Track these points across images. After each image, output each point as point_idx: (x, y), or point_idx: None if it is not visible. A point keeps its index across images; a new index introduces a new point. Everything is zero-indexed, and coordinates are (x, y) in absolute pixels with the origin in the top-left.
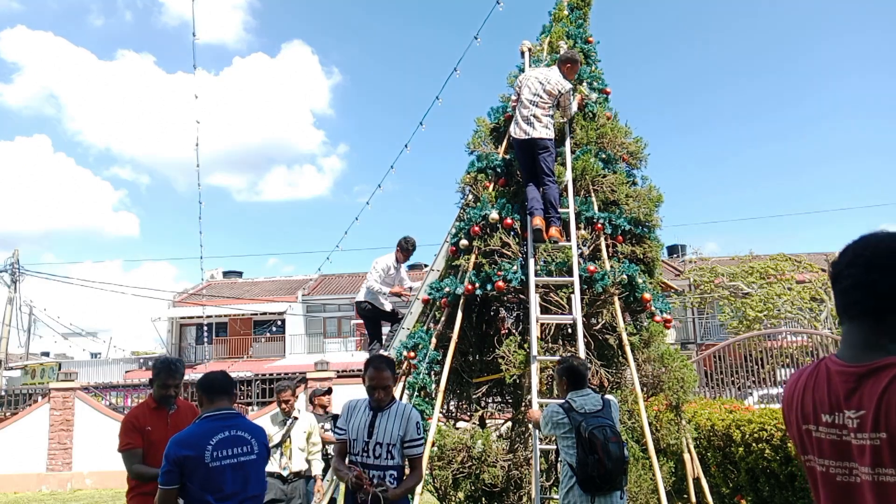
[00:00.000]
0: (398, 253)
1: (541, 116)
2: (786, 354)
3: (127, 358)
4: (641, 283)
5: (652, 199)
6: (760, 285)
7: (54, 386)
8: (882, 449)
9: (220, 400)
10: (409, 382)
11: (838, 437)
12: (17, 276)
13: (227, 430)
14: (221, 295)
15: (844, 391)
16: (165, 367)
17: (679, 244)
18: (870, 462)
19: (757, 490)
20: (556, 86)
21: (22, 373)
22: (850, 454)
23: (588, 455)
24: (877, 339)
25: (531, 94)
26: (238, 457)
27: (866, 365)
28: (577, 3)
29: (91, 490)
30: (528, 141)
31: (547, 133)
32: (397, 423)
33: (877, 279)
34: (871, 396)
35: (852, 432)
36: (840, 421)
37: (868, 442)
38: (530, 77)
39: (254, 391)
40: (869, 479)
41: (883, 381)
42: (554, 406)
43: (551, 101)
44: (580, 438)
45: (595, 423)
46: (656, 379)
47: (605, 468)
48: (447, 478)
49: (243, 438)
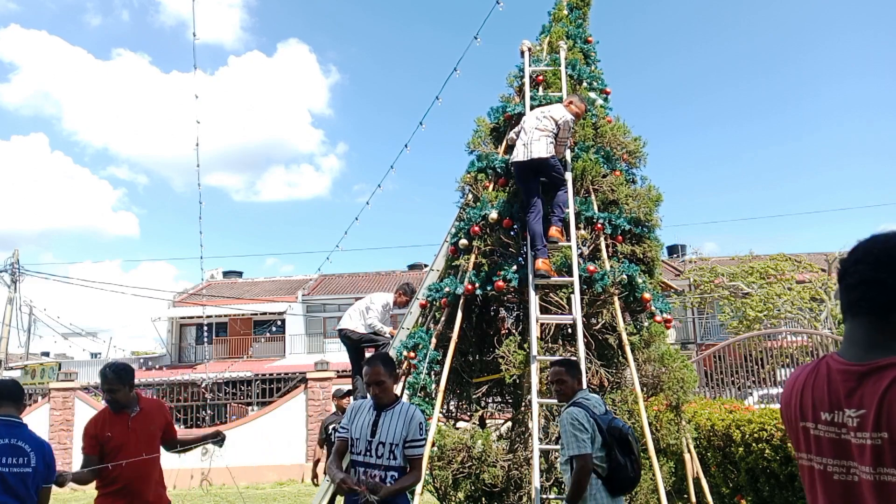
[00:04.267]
0: (399, 297)
1: (543, 141)
2: (786, 354)
3: (127, 358)
4: (641, 283)
5: (652, 198)
6: (760, 285)
7: (54, 386)
8: (883, 449)
9: (6, 406)
10: (409, 382)
11: (837, 435)
12: (17, 276)
13: (5, 439)
14: (221, 295)
15: (845, 390)
16: (101, 373)
17: (679, 244)
18: (870, 462)
19: (757, 490)
20: (558, 114)
21: (22, 373)
22: (850, 453)
23: (625, 457)
24: (881, 337)
25: (534, 121)
26: (11, 467)
27: (868, 364)
28: (576, 3)
29: (91, 490)
30: (529, 162)
31: (550, 152)
32: (401, 423)
33: (885, 277)
34: (873, 396)
35: (852, 431)
36: (840, 419)
37: (869, 441)
38: (533, 112)
39: (254, 391)
40: (870, 478)
41: (885, 381)
42: (575, 411)
43: (554, 128)
44: (617, 441)
45: (619, 422)
46: (656, 379)
47: (640, 466)
48: (447, 478)
49: (22, 449)
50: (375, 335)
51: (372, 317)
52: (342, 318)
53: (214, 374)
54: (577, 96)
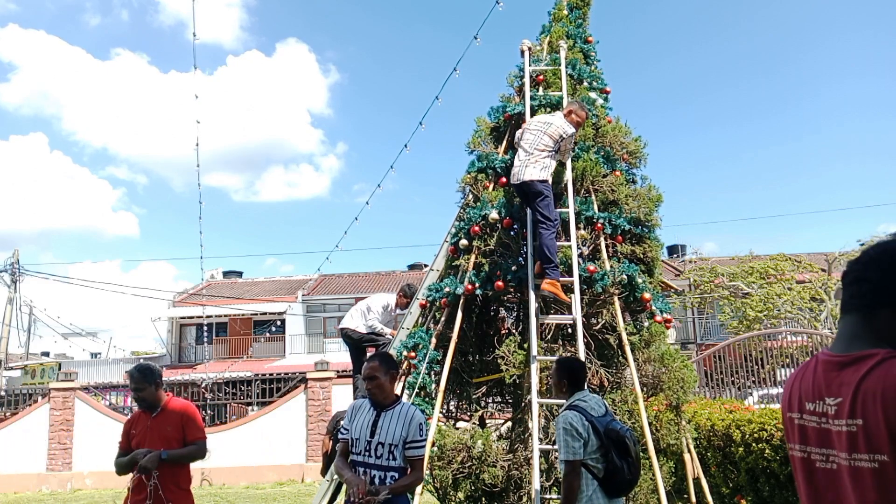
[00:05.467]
0: (401, 298)
1: (537, 159)
2: (786, 354)
3: (127, 358)
4: (641, 283)
5: (652, 198)
6: (760, 285)
7: (54, 386)
8: (857, 435)
9: None
10: (409, 382)
11: (818, 424)
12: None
13: None
14: (221, 295)
15: (827, 380)
16: (128, 372)
17: (679, 244)
18: (846, 448)
19: (757, 490)
20: (558, 129)
21: (22, 373)
22: (830, 441)
23: (622, 459)
24: (864, 331)
25: (532, 137)
26: None
27: (849, 354)
28: (576, 2)
29: (91, 490)
30: (519, 185)
31: (540, 174)
32: (400, 424)
33: (871, 275)
34: (850, 385)
35: (831, 419)
36: (821, 409)
37: (844, 428)
38: (532, 122)
39: (254, 391)
40: (846, 464)
41: (862, 370)
42: (570, 415)
43: (553, 145)
44: (614, 444)
45: (617, 425)
46: (656, 379)
47: (638, 469)
48: (447, 478)
49: None
50: (376, 335)
51: (372, 318)
52: (344, 318)
53: (214, 374)
54: (578, 103)
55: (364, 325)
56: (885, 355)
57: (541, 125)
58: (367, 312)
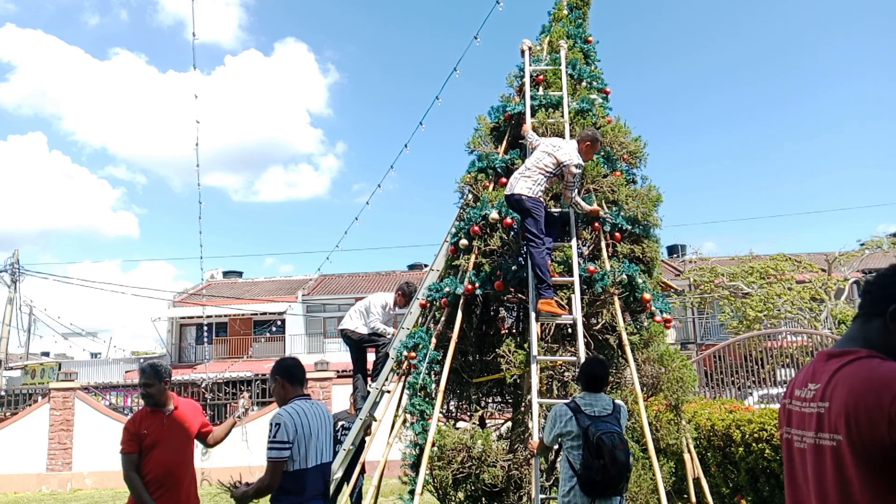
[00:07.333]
0: (399, 297)
1: (531, 175)
2: (786, 354)
3: (127, 358)
4: (641, 283)
5: (651, 198)
6: (760, 285)
7: (54, 386)
8: (823, 417)
9: None
10: (409, 382)
11: (800, 408)
12: (17, 276)
13: None
14: (221, 295)
15: (815, 369)
16: (140, 369)
17: (679, 244)
18: (814, 427)
19: (757, 490)
20: (564, 156)
21: (22, 373)
22: (804, 422)
23: (594, 459)
24: (859, 335)
25: (540, 155)
26: None
27: (839, 350)
28: (576, 2)
29: (91, 490)
30: (509, 197)
31: (529, 190)
32: None
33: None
34: (828, 373)
35: (807, 402)
36: (804, 394)
37: (815, 410)
38: (545, 141)
39: (254, 391)
40: (812, 442)
41: (842, 361)
42: (561, 407)
43: (553, 168)
44: (587, 442)
45: (604, 428)
46: (656, 379)
47: (610, 474)
48: (447, 478)
49: None
50: (376, 336)
51: (373, 319)
52: (343, 319)
53: (214, 373)
54: (591, 134)
55: (365, 325)
56: (863, 354)
57: (550, 146)
58: (367, 313)
